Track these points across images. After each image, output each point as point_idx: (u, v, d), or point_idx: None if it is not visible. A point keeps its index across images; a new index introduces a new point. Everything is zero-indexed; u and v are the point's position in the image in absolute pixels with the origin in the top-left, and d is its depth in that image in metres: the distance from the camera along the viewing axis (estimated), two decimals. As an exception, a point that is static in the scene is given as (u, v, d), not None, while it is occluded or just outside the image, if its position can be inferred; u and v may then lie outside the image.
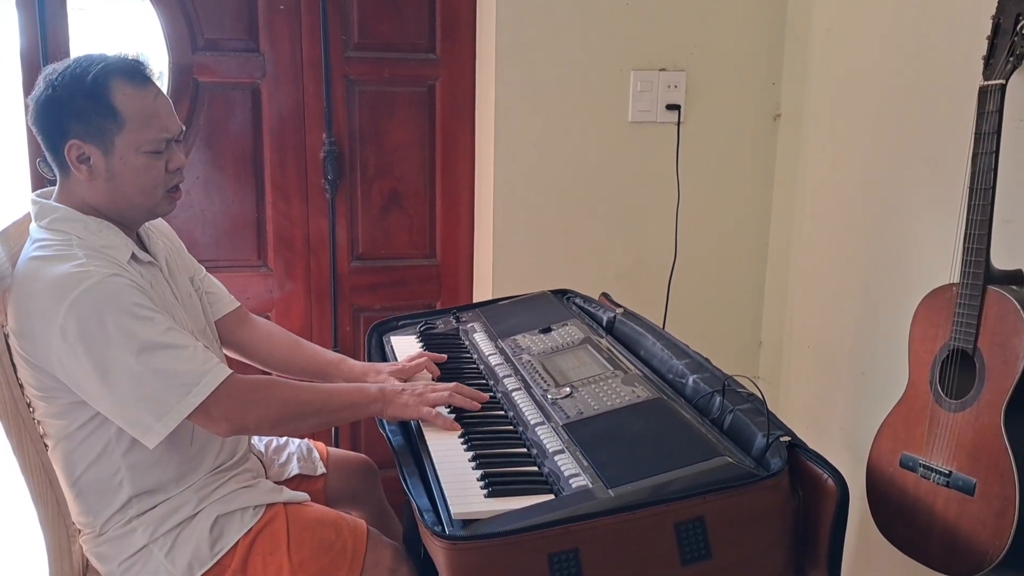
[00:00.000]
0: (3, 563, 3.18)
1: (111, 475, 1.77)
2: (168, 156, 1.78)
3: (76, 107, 1.70)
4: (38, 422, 1.80)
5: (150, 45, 2.74)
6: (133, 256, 1.78)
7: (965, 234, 1.88)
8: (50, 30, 2.59)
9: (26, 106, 2.59)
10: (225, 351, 2.12)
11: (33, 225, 1.78)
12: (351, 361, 2.18)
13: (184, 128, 1.85)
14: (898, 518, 2.03)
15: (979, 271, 1.86)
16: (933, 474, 1.93)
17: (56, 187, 1.81)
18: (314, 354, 2.20)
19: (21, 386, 1.78)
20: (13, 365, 1.78)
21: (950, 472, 1.90)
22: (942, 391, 1.94)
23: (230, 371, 1.71)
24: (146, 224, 1.91)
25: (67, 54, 2.62)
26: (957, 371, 1.92)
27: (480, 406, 1.85)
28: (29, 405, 1.80)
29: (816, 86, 2.74)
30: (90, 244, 1.72)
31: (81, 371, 1.65)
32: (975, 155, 1.86)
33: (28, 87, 2.62)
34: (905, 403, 2.04)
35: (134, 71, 1.74)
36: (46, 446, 1.81)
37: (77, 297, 1.62)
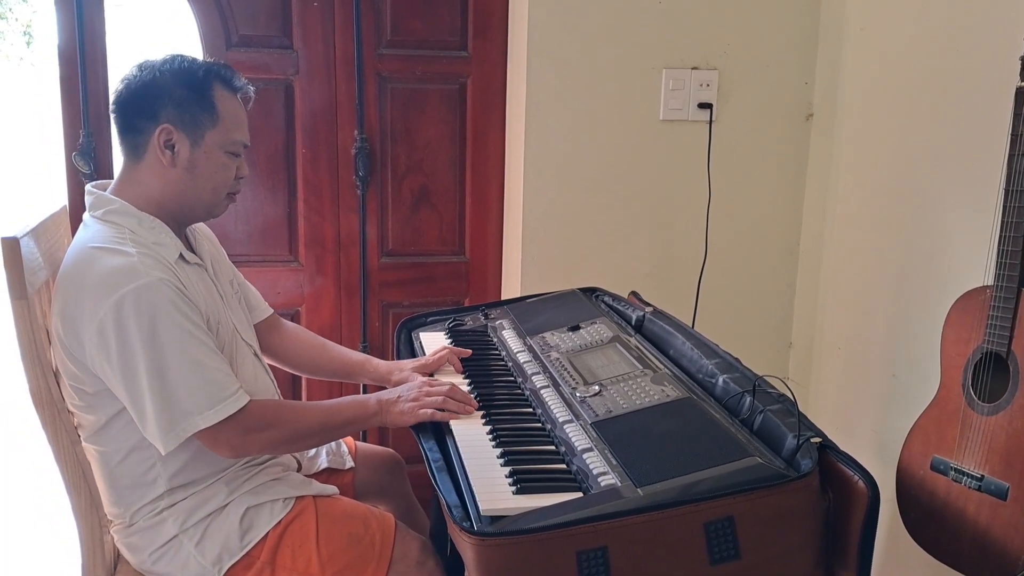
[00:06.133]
0: (38, 552, 3.22)
1: (146, 469, 1.79)
2: (239, 163, 1.88)
3: (177, 95, 1.79)
4: (72, 413, 1.83)
5: (185, 41, 2.76)
6: (181, 256, 1.81)
7: (1000, 236, 1.86)
8: (87, 26, 2.62)
9: (62, 90, 2.62)
10: None
11: (87, 214, 1.83)
12: (376, 361, 2.20)
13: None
14: (928, 522, 2.02)
15: (1014, 273, 1.84)
16: (965, 478, 1.92)
17: (115, 179, 1.86)
18: (340, 356, 2.23)
19: (56, 375, 1.81)
20: (50, 356, 1.81)
21: (982, 476, 1.88)
22: (975, 394, 1.92)
23: (247, 400, 1.74)
24: (193, 227, 1.96)
25: (104, 51, 2.65)
26: (990, 374, 1.90)
27: (473, 410, 1.85)
28: (63, 396, 1.82)
29: (849, 86, 2.72)
30: (142, 240, 1.76)
31: (109, 367, 1.68)
32: (1011, 157, 1.84)
33: (65, 83, 2.65)
34: (937, 406, 2.03)
35: (234, 78, 1.86)
36: (79, 436, 1.83)
37: (123, 295, 1.65)
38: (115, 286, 1.66)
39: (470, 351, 2.15)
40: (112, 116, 1.84)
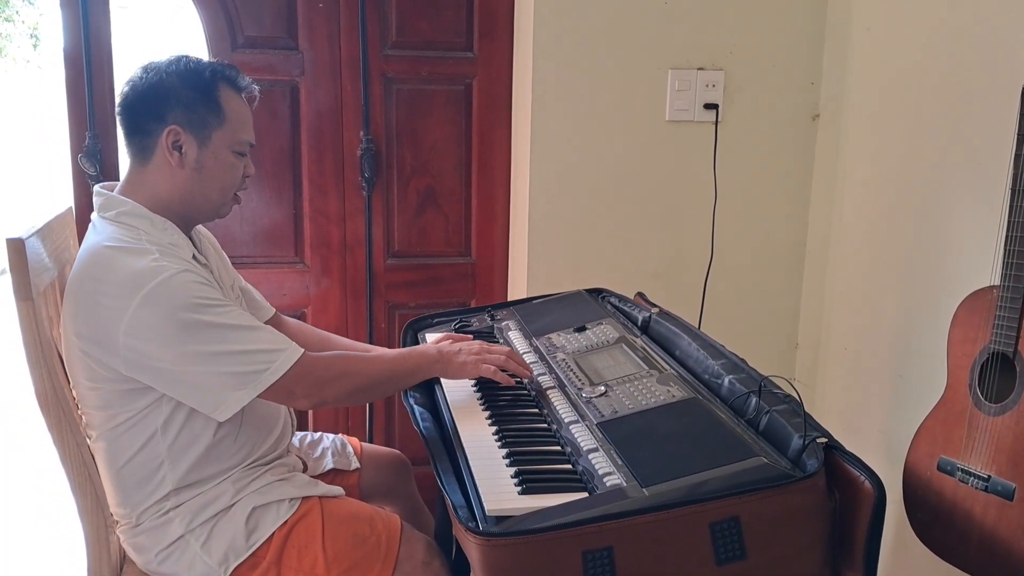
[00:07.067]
0: (39, 553, 3.22)
1: (155, 467, 1.80)
2: (245, 162, 1.89)
3: (185, 96, 1.80)
4: (81, 414, 1.83)
5: (190, 43, 2.77)
6: (193, 257, 1.83)
7: (1006, 236, 1.86)
8: (93, 28, 2.63)
9: (67, 92, 2.63)
10: None
11: (97, 216, 1.83)
12: (382, 350, 2.22)
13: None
14: (935, 523, 2.01)
15: (1021, 273, 1.83)
16: (971, 478, 1.91)
17: (122, 180, 1.86)
18: (346, 347, 2.26)
19: (65, 376, 1.81)
20: (60, 358, 1.81)
21: (989, 476, 1.88)
22: (981, 394, 1.92)
23: (303, 350, 1.76)
24: (197, 227, 1.97)
25: (110, 53, 2.66)
26: (997, 374, 1.90)
27: (531, 375, 1.95)
28: (73, 396, 1.82)
29: (855, 86, 2.71)
30: (158, 240, 1.77)
31: (150, 357, 1.68)
32: (1018, 156, 1.84)
33: (71, 86, 2.65)
34: (943, 406, 2.02)
35: (238, 78, 1.87)
36: (88, 436, 1.84)
37: (152, 289, 1.66)
38: (142, 283, 1.67)
39: (471, 337, 2.17)
40: (118, 118, 1.84)
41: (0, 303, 2.30)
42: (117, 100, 1.84)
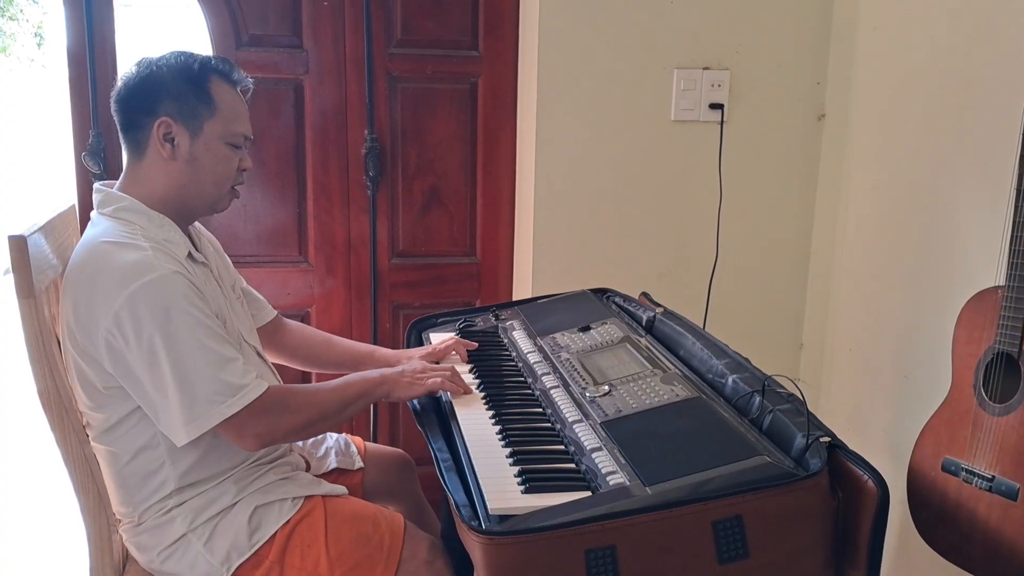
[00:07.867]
0: (46, 553, 3.22)
1: (155, 468, 1.79)
2: (241, 155, 1.89)
3: (175, 88, 1.80)
4: (81, 413, 1.83)
5: (195, 41, 2.77)
6: (189, 255, 1.82)
7: (1012, 236, 1.85)
8: (97, 27, 2.63)
9: (71, 91, 2.63)
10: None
11: (95, 212, 1.83)
12: (383, 350, 2.25)
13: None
14: (939, 523, 2.00)
15: (1026, 273, 1.83)
16: (976, 479, 1.90)
17: (120, 177, 1.87)
18: (347, 348, 2.27)
19: (66, 374, 1.81)
20: (59, 357, 1.81)
21: (993, 477, 1.87)
22: (986, 395, 1.91)
23: (266, 386, 1.75)
24: (196, 227, 1.97)
25: (113, 51, 2.66)
26: (1001, 375, 1.89)
27: (471, 392, 1.95)
28: (72, 395, 1.82)
29: (861, 86, 2.71)
30: (153, 236, 1.77)
31: (126, 360, 1.68)
32: (1023, 157, 1.83)
33: (75, 84, 2.66)
34: (948, 406, 2.02)
35: (232, 71, 1.87)
36: (88, 436, 1.83)
37: (138, 288, 1.66)
38: (131, 278, 1.67)
39: (476, 344, 2.18)
40: (114, 115, 1.85)
41: (2, 305, 2.29)
42: (111, 96, 1.85)
